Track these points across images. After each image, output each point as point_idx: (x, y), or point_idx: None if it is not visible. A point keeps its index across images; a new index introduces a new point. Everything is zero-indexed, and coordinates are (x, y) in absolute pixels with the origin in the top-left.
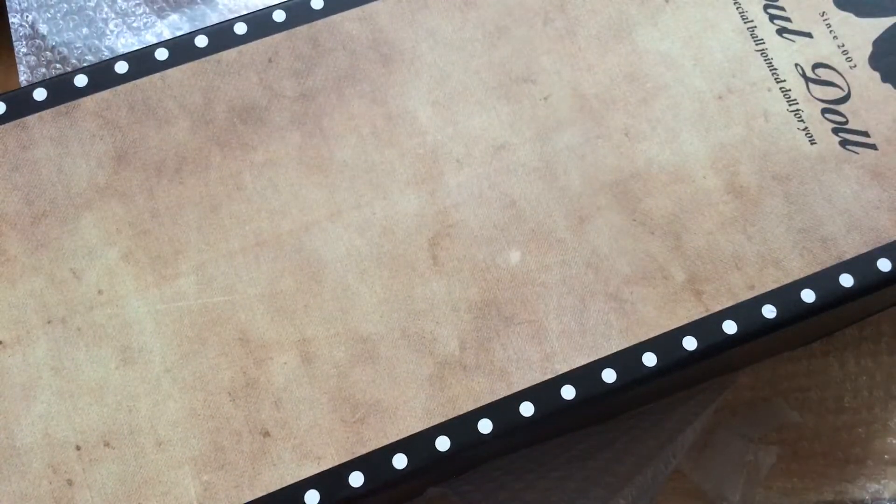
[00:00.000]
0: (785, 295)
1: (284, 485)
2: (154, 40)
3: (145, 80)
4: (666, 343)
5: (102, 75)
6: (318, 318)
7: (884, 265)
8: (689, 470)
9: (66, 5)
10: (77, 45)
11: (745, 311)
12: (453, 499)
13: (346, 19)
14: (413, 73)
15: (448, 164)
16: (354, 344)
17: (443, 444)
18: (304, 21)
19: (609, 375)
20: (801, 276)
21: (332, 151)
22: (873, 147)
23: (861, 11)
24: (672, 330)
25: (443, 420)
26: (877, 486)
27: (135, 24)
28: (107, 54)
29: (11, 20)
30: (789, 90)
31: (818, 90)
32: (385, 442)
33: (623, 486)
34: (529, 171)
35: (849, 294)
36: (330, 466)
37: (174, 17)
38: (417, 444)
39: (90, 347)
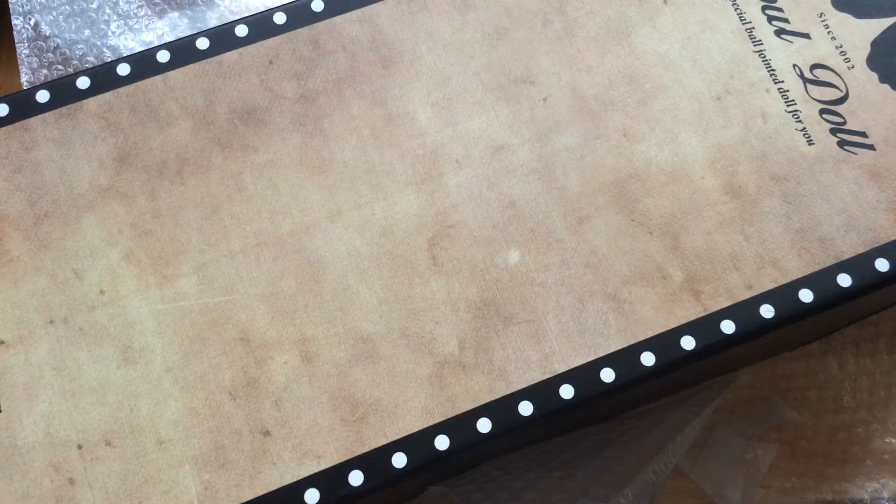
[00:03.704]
0: (783, 295)
1: (284, 483)
2: (154, 40)
3: (147, 81)
4: (664, 343)
5: (104, 77)
6: (319, 317)
7: (881, 265)
8: (689, 469)
9: (68, 7)
10: (79, 47)
11: (743, 310)
12: (454, 498)
13: (347, 21)
14: (413, 74)
15: (447, 164)
16: (354, 343)
17: (442, 443)
18: (304, 23)
19: (608, 375)
20: (799, 276)
21: (332, 152)
22: (871, 147)
23: (859, 12)
24: (670, 330)
25: (442, 419)
26: (876, 485)
27: (136, 26)
28: (108, 55)
29: (14, 22)
30: (787, 91)
31: (816, 91)
32: (384, 441)
33: (623, 486)
34: (528, 172)
35: (847, 294)
36: (330, 465)
37: (174, 14)
38: (417, 443)
39: (92, 347)
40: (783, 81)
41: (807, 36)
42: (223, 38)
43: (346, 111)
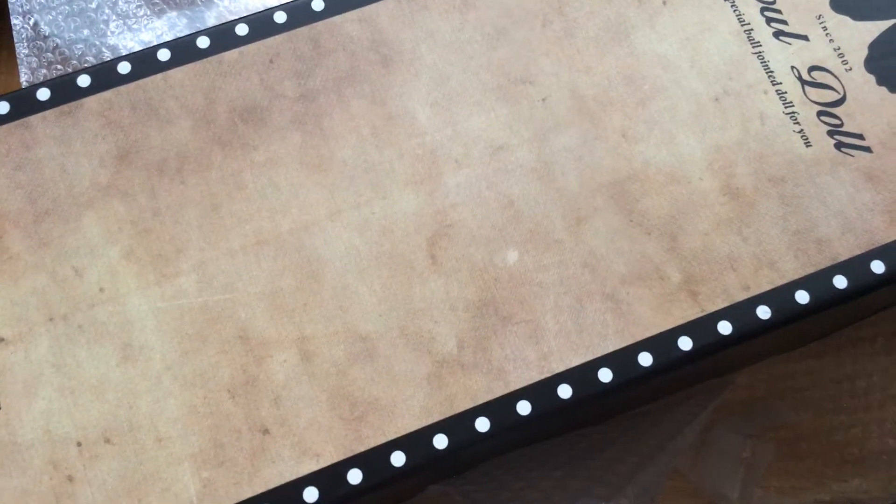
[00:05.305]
0: (779, 296)
1: (284, 482)
2: (153, 39)
3: (147, 80)
4: (661, 343)
5: (105, 75)
6: (318, 316)
7: (877, 267)
8: (687, 469)
9: (67, 7)
10: (78, 46)
11: (739, 311)
12: (456, 497)
13: (347, 20)
14: (412, 73)
15: (447, 164)
16: (353, 342)
17: (440, 441)
18: (304, 22)
19: (605, 375)
20: (796, 277)
21: (332, 151)
22: (868, 150)
23: (857, 14)
24: (668, 330)
25: (440, 418)
26: (873, 485)
27: (135, 26)
28: (107, 55)
29: (13, 22)
30: (785, 93)
31: (814, 93)
32: (383, 440)
33: (625, 485)
34: (527, 172)
35: (842, 296)
36: (329, 464)
37: (172, 14)
38: (415, 441)
39: (91, 345)
40: (781, 83)
41: (805, 38)
42: (224, 37)
43: (345, 110)
